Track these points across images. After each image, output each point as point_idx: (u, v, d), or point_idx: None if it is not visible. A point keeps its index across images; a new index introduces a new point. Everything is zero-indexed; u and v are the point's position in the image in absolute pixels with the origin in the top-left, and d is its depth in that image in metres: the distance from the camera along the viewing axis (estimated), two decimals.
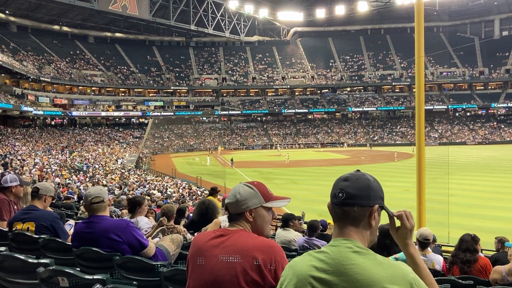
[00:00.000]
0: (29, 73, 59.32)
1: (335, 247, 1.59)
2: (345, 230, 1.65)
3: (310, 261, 1.58)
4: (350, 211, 1.63)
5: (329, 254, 1.56)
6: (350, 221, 1.64)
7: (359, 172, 1.71)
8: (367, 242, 1.66)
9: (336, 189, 1.67)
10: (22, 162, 27.98)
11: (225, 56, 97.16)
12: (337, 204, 1.66)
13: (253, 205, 2.16)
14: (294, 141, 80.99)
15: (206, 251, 2.09)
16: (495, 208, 21.82)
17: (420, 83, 12.39)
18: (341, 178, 1.70)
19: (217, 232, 2.15)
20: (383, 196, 1.69)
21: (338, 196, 1.65)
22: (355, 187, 1.64)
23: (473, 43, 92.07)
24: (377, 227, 1.69)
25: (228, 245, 2.05)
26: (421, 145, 12.46)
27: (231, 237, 2.09)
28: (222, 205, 6.95)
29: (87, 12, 77.05)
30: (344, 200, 1.63)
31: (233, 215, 2.18)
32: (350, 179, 1.66)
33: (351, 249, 1.56)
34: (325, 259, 1.55)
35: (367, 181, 1.66)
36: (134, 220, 5.42)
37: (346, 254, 1.54)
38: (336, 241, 1.62)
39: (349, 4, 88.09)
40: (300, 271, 1.57)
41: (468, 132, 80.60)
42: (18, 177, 5.06)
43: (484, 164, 42.34)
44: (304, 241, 6.39)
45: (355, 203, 1.62)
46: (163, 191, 26.35)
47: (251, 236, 2.10)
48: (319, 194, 27.71)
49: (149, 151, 65.59)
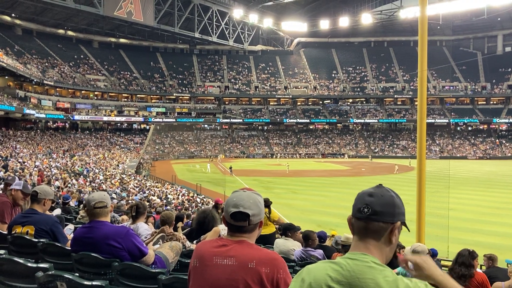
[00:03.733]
0: (33, 76, 59.50)
1: (352, 260, 1.59)
2: (365, 243, 1.65)
3: (326, 270, 1.58)
4: (372, 226, 1.65)
5: (345, 266, 1.56)
6: (371, 235, 1.65)
7: (382, 188, 1.72)
8: (385, 258, 1.66)
9: (361, 203, 1.67)
10: (22, 164, 27.98)
11: (228, 65, 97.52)
12: (361, 219, 1.67)
13: (263, 217, 2.17)
14: (295, 150, 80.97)
15: (208, 260, 2.07)
16: (495, 223, 21.73)
17: (422, 96, 12.41)
18: (366, 193, 1.69)
19: (220, 242, 2.13)
20: (404, 212, 1.71)
21: (363, 211, 1.65)
22: (381, 203, 1.65)
23: (476, 58, 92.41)
24: (396, 244, 1.69)
25: (231, 255, 2.04)
26: (422, 158, 12.44)
27: (234, 247, 2.07)
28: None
29: (92, 17, 77.49)
30: (370, 216, 1.64)
31: (249, 226, 2.11)
32: (376, 195, 1.67)
33: (368, 263, 1.56)
34: (340, 270, 1.56)
35: (392, 197, 1.68)
36: (134, 226, 5.41)
37: (362, 268, 1.54)
38: (354, 254, 1.62)
39: (353, 16, 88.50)
40: (315, 278, 1.58)
41: (469, 146, 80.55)
42: (25, 185, 5.05)
43: (485, 179, 42.25)
44: (301, 252, 6.36)
45: (379, 219, 1.64)
46: (162, 197, 26.31)
47: (254, 248, 2.09)
48: (319, 205, 27.69)
49: (150, 157, 65.57)
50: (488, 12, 77.33)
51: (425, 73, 12.49)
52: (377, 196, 1.67)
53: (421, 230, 11.93)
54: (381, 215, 1.63)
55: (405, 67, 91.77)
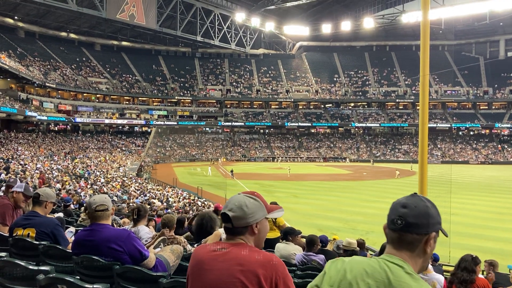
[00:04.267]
0: (35, 79, 59.65)
1: (390, 262, 1.60)
2: (399, 254, 1.65)
3: (363, 265, 1.60)
4: (406, 237, 1.64)
5: (383, 266, 1.58)
6: (406, 246, 1.65)
7: (416, 197, 1.70)
8: (418, 268, 1.66)
9: (394, 215, 1.67)
10: (23, 166, 28.00)
11: (230, 68, 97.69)
12: (394, 230, 1.66)
13: (259, 218, 2.13)
14: (296, 154, 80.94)
15: (206, 265, 2.05)
16: (497, 228, 21.66)
17: (424, 101, 12.40)
18: (400, 204, 1.68)
19: (218, 245, 2.11)
20: (440, 220, 1.70)
21: (397, 223, 1.65)
22: (414, 214, 1.63)
23: (478, 62, 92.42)
24: (431, 254, 1.69)
25: (229, 258, 2.02)
26: (424, 163, 12.42)
27: (231, 250, 2.05)
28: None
29: (94, 20, 77.65)
30: (403, 228, 1.64)
31: (237, 228, 2.10)
32: (409, 206, 1.65)
33: (405, 269, 1.56)
34: (377, 268, 1.57)
35: (426, 208, 1.66)
36: (135, 229, 5.40)
37: (399, 272, 1.55)
38: (392, 258, 1.63)
39: (355, 21, 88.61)
40: (352, 269, 1.60)
41: (471, 151, 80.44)
42: (26, 187, 5.05)
43: (487, 184, 42.16)
44: (303, 256, 6.34)
45: (413, 231, 1.63)
46: (163, 200, 26.30)
47: (252, 250, 2.06)
48: (320, 209, 27.64)
49: (151, 159, 65.59)
50: (490, 17, 77.36)
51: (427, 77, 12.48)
52: (410, 207, 1.65)
53: None
54: (415, 227, 1.63)
55: (407, 72, 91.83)
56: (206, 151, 79.65)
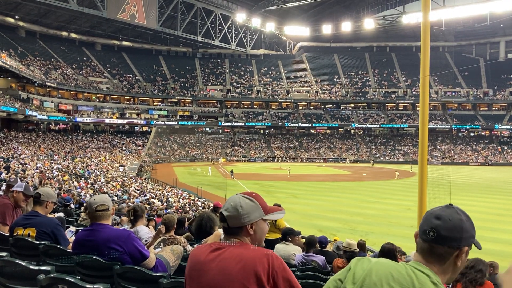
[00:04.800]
0: (36, 78, 59.66)
1: (417, 270, 1.59)
2: (428, 265, 1.63)
3: (390, 269, 1.59)
4: (437, 249, 1.62)
5: (410, 272, 1.57)
6: (436, 258, 1.63)
7: (451, 209, 1.68)
8: (445, 280, 1.65)
9: (427, 225, 1.64)
10: (24, 166, 28.00)
11: (231, 68, 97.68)
12: (425, 241, 1.65)
13: (254, 219, 2.13)
14: (296, 155, 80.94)
15: (203, 265, 2.07)
16: (496, 230, 21.65)
17: (424, 102, 12.41)
18: (433, 215, 1.66)
19: (214, 246, 2.12)
20: (474, 233, 1.68)
21: (429, 234, 1.62)
22: (448, 228, 1.61)
23: (478, 64, 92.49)
24: (462, 267, 1.67)
25: (225, 258, 2.03)
26: (424, 164, 12.42)
27: (227, 250, 2.06)
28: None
29: (95, 19, 77.64)
30: (434, 240, 1.62)
31: (232, 228, 2.12)
32: (443, 218, 1.62)
33: (431, 279, 1.55)
34: (404, 273, 1.56)
35: (460, 221, 1.64)
36: (135, 229, 5.41)
37: (426, 281, 1.54)
38: (420, 266, 1.61)
39: (355, 21, 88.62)
40: (378, 271, 1.59)
41: (470, 152, 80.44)
42: (26, 187, 5.06)
43: (486, 186, 42.16)
44: (302, 257, 6.35)
45: (445, 244, 1.61)
46: (163, 200, 26.29)
47: (247, 247, 2.07)
48: (320, 209, 27.64)
49: (151, 159, 65.57)
50: (491, 19, 77.39)
51: (427, 78, 12.49)
52: (444, 220, 1.63)
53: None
54: (447, 240, 1.61)
55: (407, 73, 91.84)
56: (206, 151, 79.63)
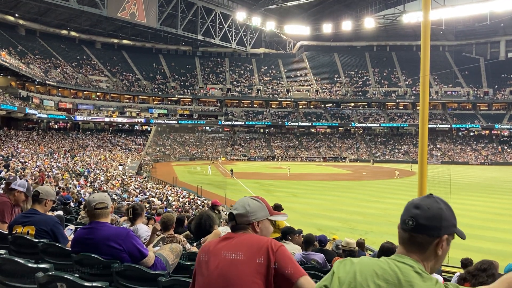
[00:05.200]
0: (35, 76, 59.62)
1: (400, 263, 1.60)
2: (410, 254, 1.64)
3: (373, 266, 1.60)
4: (417, 238, 1.63)
5: (393, 266, 1.58)
6: (416, 247, 1.64)
7: (431, 198, 1.68)
8: (429, 269, 1.65)
9: (406, 215, 1.65)
10: (23, 164, 27.99)
11: (231, 67, 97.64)
12: (405, 230, 1.65)
13: (261, 217, 2.36)
14: (296, 154, 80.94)
15: (212, 251, 2.24)
16: (496, 229, 21.68)
17: (424, 101, 12.40)
18: (413, 204, 1.67)
19: (224, 236, 2.32)
20: (455, 222, 1.67)
21: (408, 223, 1.64)
22: (427, 216, 1.62)
23: (478, 63, 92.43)
24: (444, 256, 1.67)
25: (235, 242, 2.22)
26: (424, 163, 12.41)
27: (236, 237, 2.26)
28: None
29: (95, 18, 77.62)
30: (413, 229, 1.62)
31: (239, 225, 2.33)
32: (422, 208, 1.63)
33: (415, 269, 1.56)
34: (387, 269, 1.57)
35: (439, 210, 1.64)
36: (134, 227, 5.40)
37: (409, 272, 1.55)
38: (402, 258, 1.62)
39: (356, 20, 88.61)
40: (361, 271, 1.60)
41: (470, 152, 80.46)
42: (28, 186, 5.05)
43: (486, 185, 42.18)
44: (302, 255, 6.35)
45: (424, 233, 1.62)
46: (163, 199, 26.29)
47: (254, 235, 2.30)
48: (319, 208, 27.66)
49: (151, 158, 65.58)
50: (491, 18, 77.39)
51: (427, 78, 12.47)
52: (423, 209, 1.63)
53: None
54: (426, 229, 1.62)
55: (408, 72, 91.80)
56: (206, 150, 79.64)
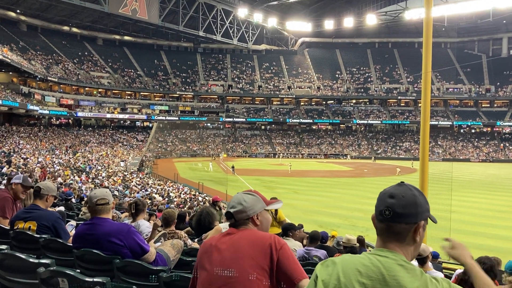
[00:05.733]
0: (37, 72, 59.63)
1: (381, 257, 1.59)
2: (389, 244, 1.64)
3: (355, 265, 1.58)
4: (395, 228, 1.63)
5: (375, 262, 1.57)
6: (394, 237, 1.64)
7: (403, 186, 1.69)
8: (410, 257, 1.65)
9: (382, 206, 1.65)
10: (25, 160, 28.03)
11: (232, 64, 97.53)
12: (382, 221, 1.65)
13: (258, 210, 2.36)
14: (298, 150, 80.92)
15: (214, 246, 2.24)
16: (497, 226, 21.66)
17: (426, 98, 12.39)
18: (387, 194, 1.67)
19: (225, 233, 2.32)
20: (429, 207, 1.69)
21: (385, 214, 1.63)
22: (402, 205, 1.62)
23: (481, 60, 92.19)
24: (421, 242, 1.68)
25: (236, 238, 2.22)
26: (425, 160, 12.42)
27: (237, 233, 2.26)
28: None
29: (97, 14, 77.59)
30: (391, 219, 1.62)
31: (239, 221, 2.32)
32: (397, 197, 1.64)
33: (397, 261, 1.56)
34: (370, 265, 1.56)
35: (414, 197, 1.64)
36: (135, 223, 5.41)
37: (392, 265, 1.54)
38: (383, 251, 1.62)
39: (357, 17, 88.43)
40: (344, 272, 1.58)
41: (472, 149, 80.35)
42: (24, 178, 5.06)
43: (488, 182, 42.12)
44: (304, 251, 6.36)
45: (402, 221, 1.62)
46: (164, 195, 26.32)
47: (256, 231, 2.30)
48: (320, 205, 27.67)
49: (152, 154, 65.64)
50: (494, 15, 77.14)
51: (429, 74, 12.46)
52: (398, 197, 1.64)
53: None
54: (403, 217, 1.62)
55: (409, 69, 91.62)
56: (207, 147, 79.67)
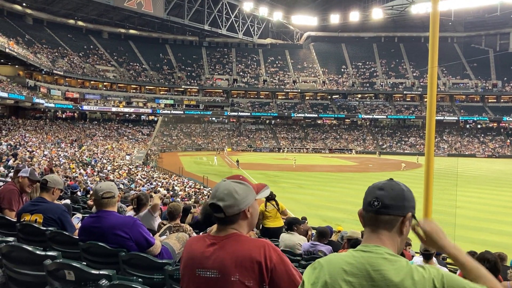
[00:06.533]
0: (43, 66, 59.79)
1: (365, 252, 1.62)
2: (377, 234, 1.68)
3: (340, 264, 1.60)
4: (383, 218, 1.68)
5: (359, 258, 1.59)
6: (383, 226, 1.68)
7: (393, 181, 1.76)
8: (397, 249, 1.69)
9: (371, 197, 1.71)
10: (31, 153, 28.17)
11: (237, 57, 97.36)
12: (371, 212, 1.70)
13: (250, 201, 2.09)
14: (302, 145, 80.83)
15: (199, 262, 2.03)
16: (502, 222, 21.59)
17: (432, 93, 12.29)
18: (376, 187, 1.73)
19: (208, 241, 2.06)
20: (415, 205, 1.74)
21: (373, 204, 1.69)
22: (391, 196, 1.68)
23: (488, 55, 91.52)
24: (407, 236, 1.72)
25: (220, 255, 1.99)
26: (430, 155, 12.32)
27: (222, 245, 2.01)
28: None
29: (102, 7, 77.63)
30: (379, 209, 1.68)
31: (229, 217, 2.05)
32: (386, 189, 1.70)
33: (382, 255, 1.59)
34: (354, 263, 1.58)
35: (402, 191, 1.71)
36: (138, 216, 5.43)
37: (376, 260, 1.57)
38: (367, 246, 1.65)
39: (363, 11, 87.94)
40: (330, 274, 1.60)
41: (478, 144, 79.95)
42: (32, 172, 5.10)
43: (493, 178, 41.93)
44: (310, 246, 6.36)
45: (390, 213, 1.67)
46: (169, 188, 26.40)
47: (243, 241, 2.03)
48: (325, 200, 27.67)
49: (157, 148, 65.80)
50: (501, 9, 76.45)
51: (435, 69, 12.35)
52: (387, 189, 1.70)
53: None
54: (391, 208, 1.67)
55: (415, 63, 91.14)
56: (212, 141, 79.76)
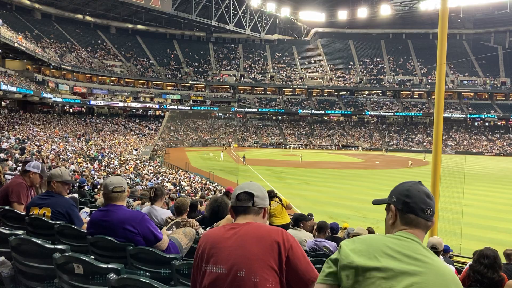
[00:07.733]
0: (51, 60, 60.03)
1: (406, 237, 1.74)
2: (413, 231, 1.80)
3: (383, 241, 1.71)
4: (428, 223, 1.84)
5: (401, 241, 1.71)
6: (422, 228, 1.83)
7: (424, 186, 1.89)
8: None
9: (425, 205, 1.82)
10: (39, 147, 28.36)
11: (244, 53, 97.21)
12: (424, 218, 1.82)
13: (267, 204, 2.32)
14: (309, 141, 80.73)
15: (219, 243, 2.11)
16: (509, 221, 21.46)
17: (440, 90, 12.24)
18: (426, 194, 1.84)
19: (228, 226, 2.18)
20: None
21: (427, 213, 1.82)
22: (433, 205, 1.84)
23: (497, 52, 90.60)
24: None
25: (242, 234, 2.10)
26: (438, 153, 12.30)
27: (242, 228, 2.14)
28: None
29: (110, 2, 77.78)
30: (431, 217, 1.83)
31: (254, 207, 2.24)
32: (432, 198, 1.85)
33: (420, 244, 1.72)
34: (397, 242, 1.70)
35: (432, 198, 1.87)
36: (148, 208, 5.47)
37: (416, 245, 1.70)
38: (405, 233, 1.77)
39: (371, 7, 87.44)
40: (371, 244, 1.70)
41: (485, 142, 79.41)
42: (42, 167, 5.14)
43: (501, 176, 41.66)
44: (314, 242, 6.37)
45: (430, 219, 1.84)
46: (176, 184, 26.49)
47: (262, 225, 2.18)
48: (331, 196, 27.65)
49: (164, 143, 66.01)
50: (511, 6, 75.68)
51: (443, 66, 12.29)
52: (432, 199, 1.85)
53: (434, 225, 11.83)
54: (433, 215, 1.84)
55: (423, 60, 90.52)
56: (219, 137, 79.87)
